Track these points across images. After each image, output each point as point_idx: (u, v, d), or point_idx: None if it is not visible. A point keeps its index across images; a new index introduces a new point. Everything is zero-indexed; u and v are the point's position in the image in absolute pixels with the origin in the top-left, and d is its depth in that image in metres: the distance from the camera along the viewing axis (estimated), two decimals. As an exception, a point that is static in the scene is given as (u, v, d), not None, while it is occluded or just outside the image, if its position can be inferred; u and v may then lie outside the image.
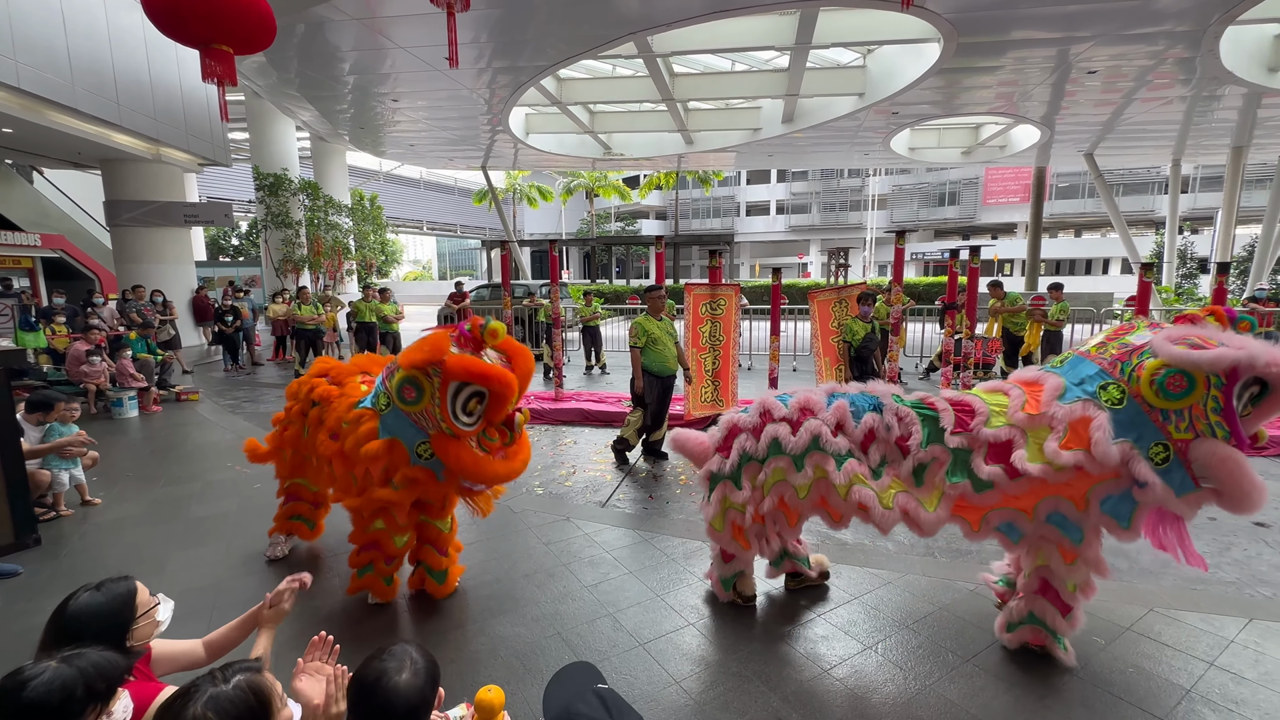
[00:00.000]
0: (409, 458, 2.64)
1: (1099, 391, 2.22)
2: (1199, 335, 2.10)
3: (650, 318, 5.29)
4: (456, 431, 2.56)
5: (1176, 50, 8.86)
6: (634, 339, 5.20)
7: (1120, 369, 2.21)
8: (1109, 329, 2.47)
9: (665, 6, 7.66)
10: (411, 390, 2.55)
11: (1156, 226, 32.13)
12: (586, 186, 32.41)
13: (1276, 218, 14.78)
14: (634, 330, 5.20)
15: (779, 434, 2.60)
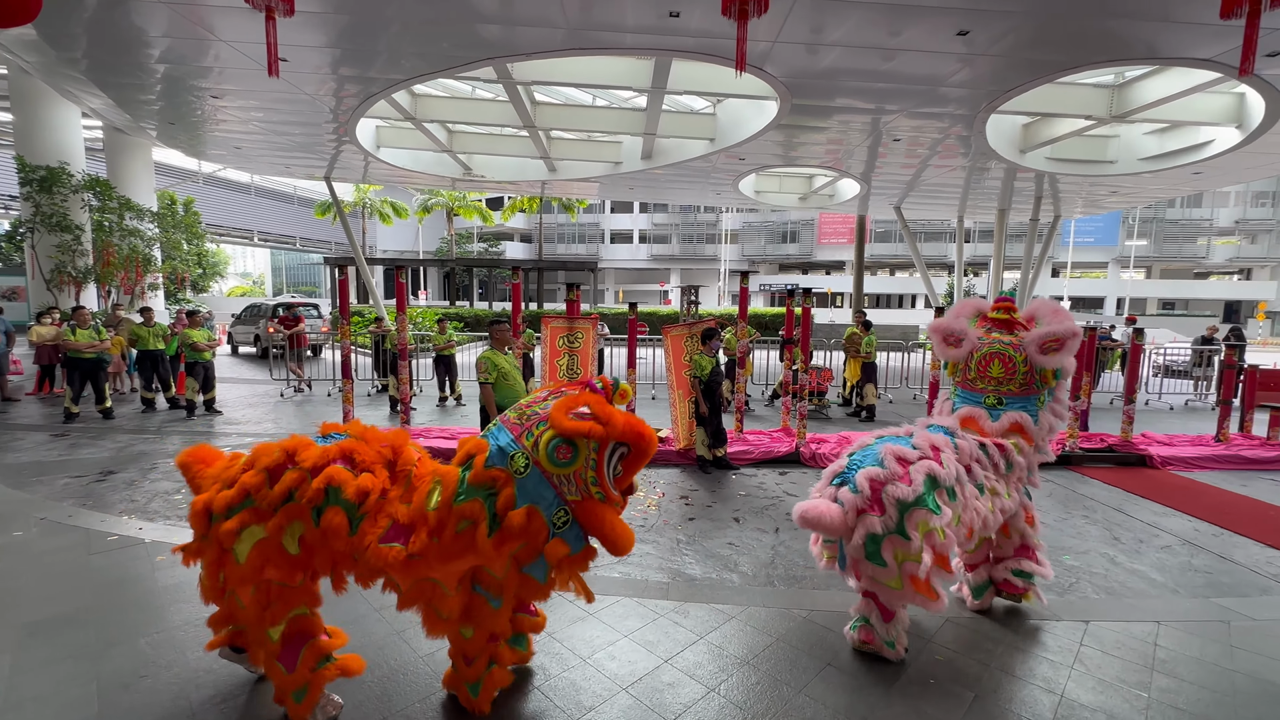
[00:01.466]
0: (548, 529, 2.24)
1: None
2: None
3: (497, 351, 5.10)
4: (610, 496, 2.29)
5: (957, 129, 10.70)
6: (484, 374, 4.93)
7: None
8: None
9: (526, 37, 7.64)
10: (568, 451, 2.21)
11: (949, 269, 38.21)
12: (446, 205, 31.09)
13: (1030, 266, 18.31)
14: (483, 365, 4.94)
15: (936, 472, 2.76)
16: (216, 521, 2.25)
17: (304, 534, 2.26)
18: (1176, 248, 45.52)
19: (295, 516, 2.24)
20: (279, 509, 2.23)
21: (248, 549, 2.23)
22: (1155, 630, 3.26)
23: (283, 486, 2.23)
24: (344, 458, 2.33)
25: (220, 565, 2.29)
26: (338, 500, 2.23)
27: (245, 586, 2.26)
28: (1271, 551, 4.40)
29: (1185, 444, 7.23)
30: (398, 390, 8.48)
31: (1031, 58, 7.81)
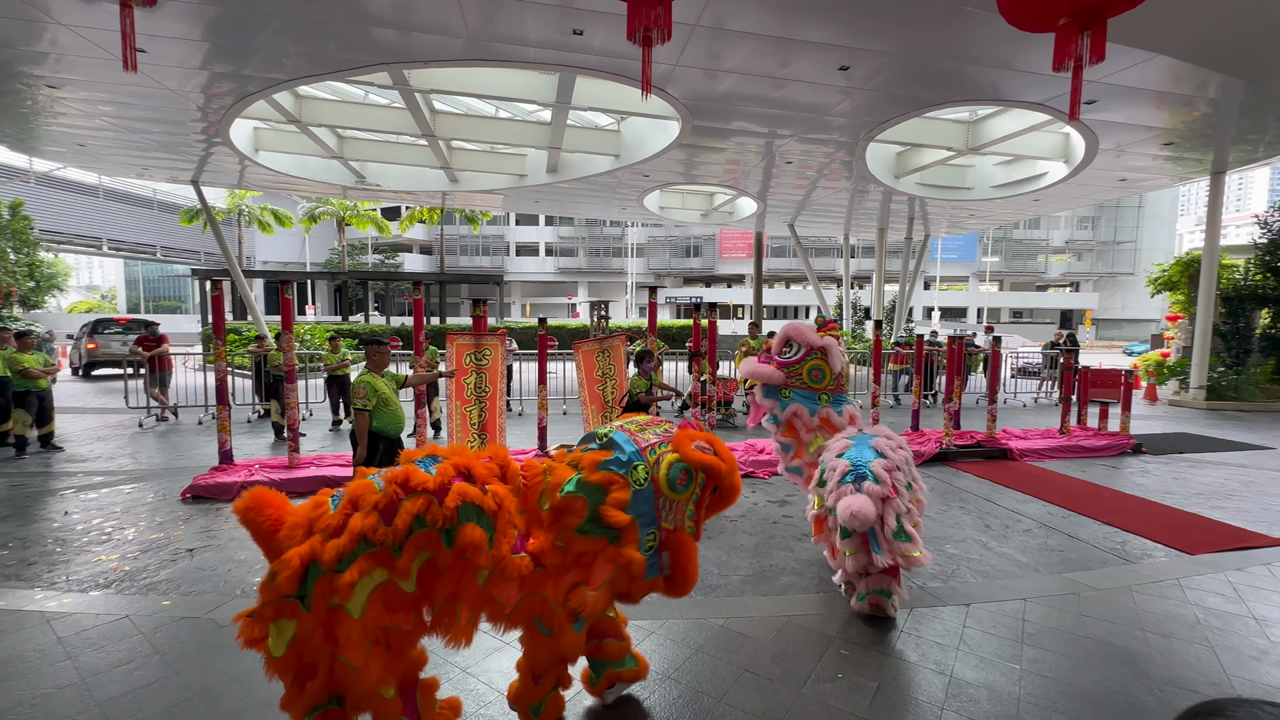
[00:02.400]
0: (639, 546, 2.27)
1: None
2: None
3: (376, 374, 4.65)
4: (698, 534, 2.48)
5: (841, 154, 11.62)
6: (363, 401, 4.46)
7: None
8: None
9: (424, 44, 7.38)
10: (685, 479, 2.35)
11: (837, 283, 41.12)
12: (336, 214, 29.09)
13: (906, 279, 20.16)
14: (362, 390, 4.47)
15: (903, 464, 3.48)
16: (321, 576, 1.90)
17: (424, 565, 2.03)
18: (1022, 264, 52.06)
19: (424, 546, 2.01)
20: (403, 544, 1.97)
21: (364, 599, 1.92)
22: (1023, 606, 3.65)
23: (407, 516, 1.97)
24: (461, 474, 2.13)
25: (323, 627, 1.90)
26: (470, 517, 2.05)
27: (361, 645, 1.91)
28: (1108, 529, 5.09)
29: (1037, 437, 8.23)
30: (282, 416, 7.78)
31: (902, 94, 8.65)
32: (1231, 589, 3.91)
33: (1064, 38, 3.63)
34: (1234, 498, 5.98)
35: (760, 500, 5.74)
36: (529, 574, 2.18)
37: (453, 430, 5.92)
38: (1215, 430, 9.64)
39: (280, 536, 1.99)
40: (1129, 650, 3.17)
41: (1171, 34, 6.60)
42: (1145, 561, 4.42)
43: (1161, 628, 3.41)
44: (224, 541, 4.57)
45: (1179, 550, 4.60)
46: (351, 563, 1.93)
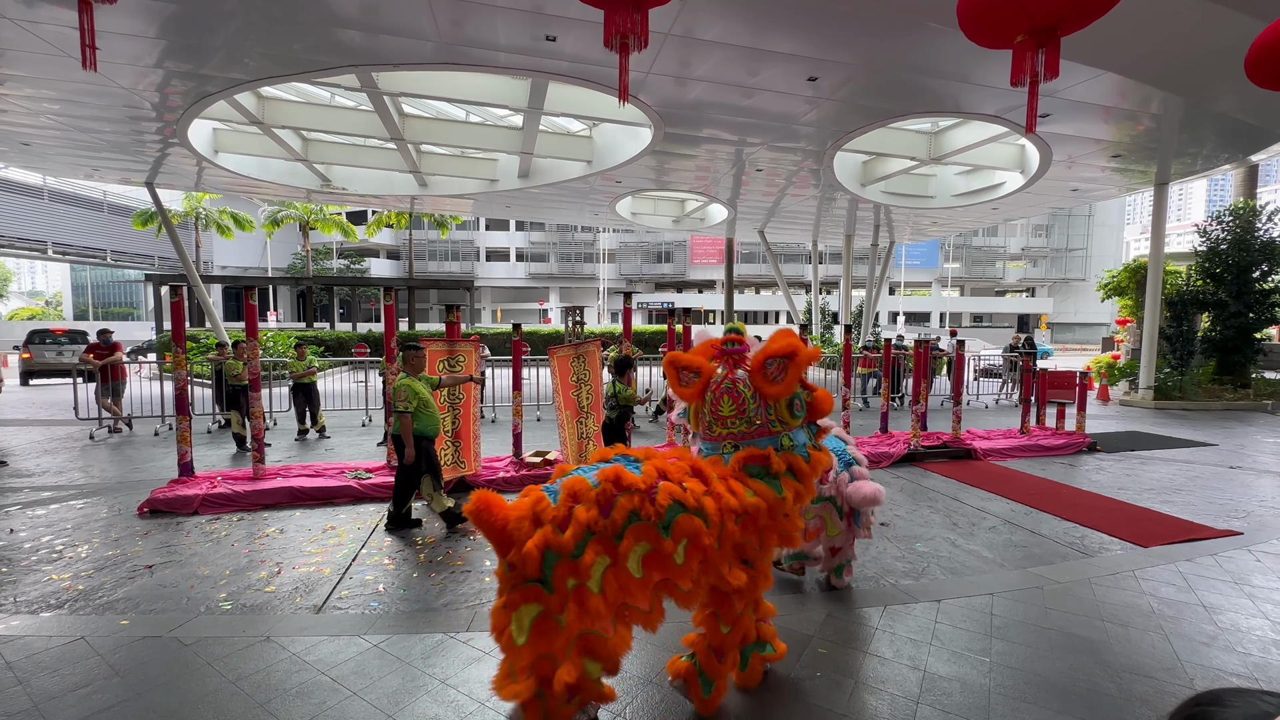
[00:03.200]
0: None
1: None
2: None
3: (414, 377, 4.87)
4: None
5: (809, 162, 11.87)
6: (404, 403, 4.68)
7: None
8: None
9: (393, 46, 7.27)
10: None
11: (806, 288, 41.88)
12: (300, 218, 28.35)
13: (873, 285, 20.65)
14: (403, 393, 4.69)
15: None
16: (559, 561, 2.14)
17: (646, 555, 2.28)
18: (981, 270, 53.85)
19: (642, 537, 2.26)
20: (623, 533, 2.24)
21: (599, 579, 2.19)
22: (990, 601, 3.77)
23: (623, 511, 2.25)
24: (662, 475, 2.40)
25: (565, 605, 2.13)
26: (682, 510, 2.32)
27: (607, 617, 2.20)
28: (1067, 524, 5.30)
29: (1000, 437, 8.51)
30: (243, 426, 7.55)
31: (867, 105, 8.89)
32: (1182, 579, 4.11)
33: (1020, 54, 3.79)
34: (1181, 492, 6.29)
35: (736, 503, 5.80)
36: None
37: (425, 438, 5.82)
38: (1163, 428, 10.13)
39: (510, 530, 2.15)
40: (1090, 640, 3.31)
41: (1118, 52, 6.96)
42: (1102, 555, 4.61)
43: (1119, 617, 3.56)
44: (185, 557, 4.39)
45: (1133, 543, 4.82)
46: (584, 548, 2.17)
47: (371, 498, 5.75)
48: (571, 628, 2.14)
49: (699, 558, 2.36)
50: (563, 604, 2.13)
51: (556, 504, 2.23)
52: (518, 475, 6.19)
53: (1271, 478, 6.93)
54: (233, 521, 5.16)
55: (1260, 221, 13.79)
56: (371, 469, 6.25)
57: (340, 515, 5.32)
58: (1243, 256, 13.59)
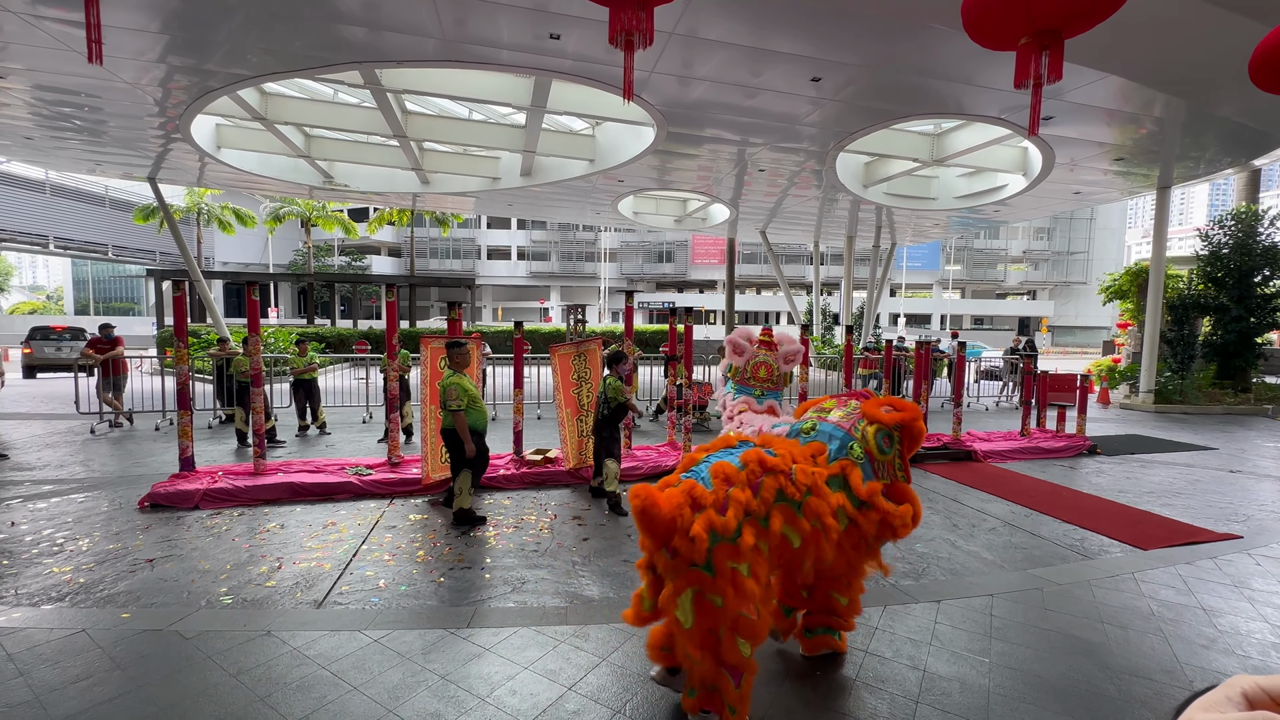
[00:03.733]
0: None
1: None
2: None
3: (460, 374, 5.02)
4: (909, 478, 2.92)
5: (811, 163, 11.86)
6: (456, 401, 4.85)
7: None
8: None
9: (395, 43, 7.28)
10: (888, 441, 2.85)
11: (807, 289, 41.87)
12: (302, 215, 28.34)
13: (874, 286, 20.64)
14: (454, 392, 4.86)
15: None
16: (720, 544, 2.28)
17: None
18: (982, 272, 53.81)
19: (785, 516, 2.48)
20: (769, 515, 2.44)
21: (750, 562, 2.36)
22: (990, 602, 3.77)
23: (770, 491, 2.45)
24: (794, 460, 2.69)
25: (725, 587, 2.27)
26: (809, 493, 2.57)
27: (756, 599, 2.35)
28: (1067, 526, 5.30)
29: (1000, 439, 8.52)
30: (246, 422, 7.56)
31: (870, 106, 8.89)
32: (1182, 582, 4.11)
33: (1024, 57, 3.78)
34: (1181, 495, 6.29)
35: (736, 503, 5.80)
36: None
37: (426, 435, 5.82)
38: (1163, 432, 10.13)
39: (670, 516, 2.26)
40: (1089, 642, 3.31)
41: (1122, 56, 6.96)
42: (1102, 557, 4.61)
43: (1119, 620, 3.56)
44: (186, 551, 4.40)
45: (1133, 546, 4.82)
46: (741, 529, 2.32)
47: (372, 494, 5.75)
48: (729, 608, 2.27)
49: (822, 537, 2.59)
50: (723, 586, 2.27)
51: (711, 489, 2.38)
52: (518, 473, 6.19)
53: (1272, 482, 6.93)
54: (233, 516, 5.17)
55: (1262, 226, 13.78)
56: (372, 465, 6.25)
57: (341, 511, 5.33)
58: (1244, 261, 13.58)
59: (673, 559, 2.29)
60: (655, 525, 2.26)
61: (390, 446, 6.36)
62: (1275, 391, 13.52)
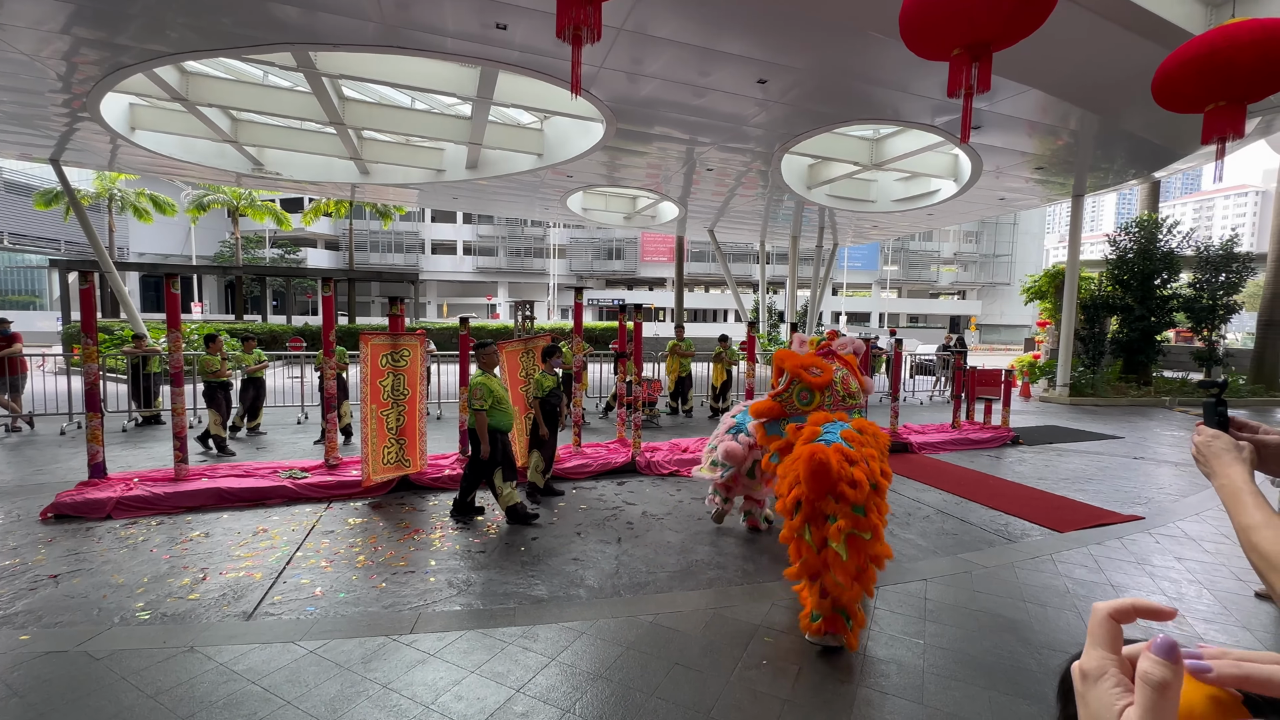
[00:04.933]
0: None
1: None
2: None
3: (489, 375, 5.03)
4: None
5: (757, 164, 12.10)
6: (480, 401, 4.83)
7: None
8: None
9: (332, 25, 6.94)
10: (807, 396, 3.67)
11: (754, 287, 42.73)
12: (229, 204, 26.67)
13: (817, 285, 21.29)
14: (479, 392, 4.84)
15: None
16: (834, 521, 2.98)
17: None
18: (917, 273, 56.46)
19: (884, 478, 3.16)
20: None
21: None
22: (924, 587, 3.97)
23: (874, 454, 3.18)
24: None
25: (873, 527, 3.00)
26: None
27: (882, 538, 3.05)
28: (994, 513, 5.63)
29: (934, 432, 8.95)
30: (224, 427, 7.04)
31: (814, 109, 9.14)
32: (1093, 561, 4.45)
33: (957, 67, 3.99)
34: (1093, 481, 6.79)
35: (685, 498, 5.86)
36: None
37: (367, 435, 5.58)
38: (1077, 422, 10.91)
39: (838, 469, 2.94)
40: (1013, 620, 3.53)
41: (1043, 71, 7.44)
42: (1024, 540, 4.92)
43: (1039, 598, 3.81)
44: (97, 565, 4.06)
45: (1051, 529, 5.17)
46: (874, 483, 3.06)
47: (307, 498, 5.48)
48: (873, 543, 2.95)
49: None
50: (871, 524, 2.93)
51: (851, 449, 3.06)
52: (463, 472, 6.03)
53: (1169, 467, 7.58)
54: (151, 526, 4.81)
55: (1161, 233, 15.04)
56: (308, 468, 5.96)
57: (273, 517, 5.05)
58: (1146, 265, 14.79)
59: (837, 504, 2.93)
60: (826, 476, 2.90)
61: (327, 448, 6.08)
62: (1172, 384, 14.80)
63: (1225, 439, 0.98)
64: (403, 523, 4.97)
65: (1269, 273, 15.14)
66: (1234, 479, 0.92)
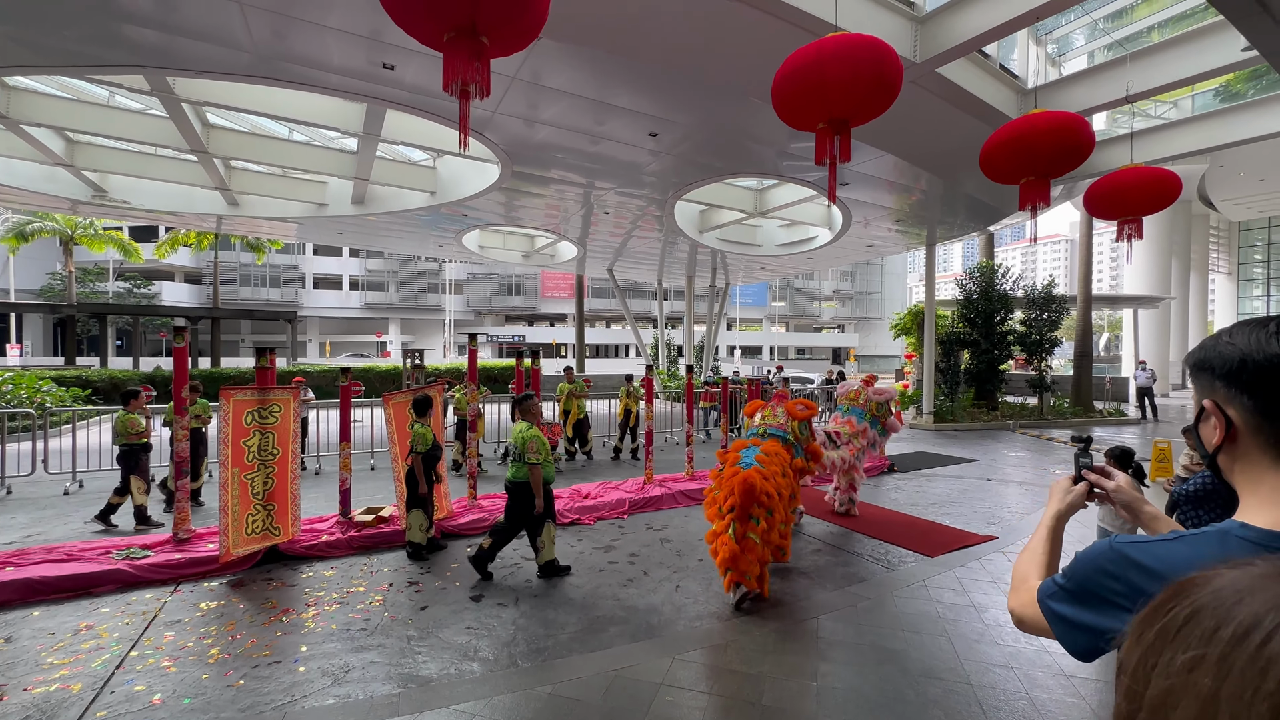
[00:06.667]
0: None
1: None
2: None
3: (534, 426, 4.91)
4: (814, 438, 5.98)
5: (653, 209, 12.57)
6: (536, 455, 4.77)
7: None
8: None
9: (195, 52, 6.38)
10: (804, 428, 5.43)
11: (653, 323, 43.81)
12: (60, 233, 23.29)
13: (712, 321, 22.24)
14: (534, 445, 4.78)
15: None
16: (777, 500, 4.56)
17: None
18: (802, 308, 60.80)
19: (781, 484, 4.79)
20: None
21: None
22: (817, 624, 4.13)
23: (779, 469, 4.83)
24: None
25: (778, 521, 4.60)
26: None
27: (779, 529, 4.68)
28: (875, 542, 6.04)
29: (820, 463, 9.51)
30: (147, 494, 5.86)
31: (702, 161, 9.69)
32: (958, 583, 4.88)
33: (822, 138, 4.42)
34: (955, 504, 7.52)
35: (586, 548, 5.74)
36: None
37: (227, 503, 4.95)
38: (941, 448, 12.09)
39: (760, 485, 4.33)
40: (893, 650, 3.76)
41: (894, 140, 8.45)
42: (902, 568, 5.31)
43: (915, 626, 4.10)
44: None
45: (923, 555, 5.62)
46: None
47: (150, 581, 4.74)
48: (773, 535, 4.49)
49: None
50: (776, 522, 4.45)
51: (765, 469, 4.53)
52: (344, 537, 5.53)
53: (1016, 486, 8.57)
54: (-70, 633, 3.91)
55: (998, 278, 17.37)
56: (150, 544, 5.17)
57: (103, 609, 4.30)
58: (988, 305, 16.96)
59: (758, 508, 4.29)
60: (754, 492, 4.23)
61: (177, 519, 5.33)
62: (1014, 409, 16.91)
63: (1063, 484, 1.23)
64: (269, 602, 4.43)
65: (1079, 311, 17.94)
66: (1046, 513, 1.21)
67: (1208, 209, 27.70)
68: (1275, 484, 0.82)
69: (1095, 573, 0.90)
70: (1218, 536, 0.83)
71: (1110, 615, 0.87)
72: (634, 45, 6.20)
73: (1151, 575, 0.83)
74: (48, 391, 13.09)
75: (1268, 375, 0.81)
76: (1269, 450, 0.83)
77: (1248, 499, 0.86)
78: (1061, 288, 18.93)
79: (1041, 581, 1.02)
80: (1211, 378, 0.88)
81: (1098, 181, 6.15)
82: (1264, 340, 0.82)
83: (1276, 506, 0.82)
